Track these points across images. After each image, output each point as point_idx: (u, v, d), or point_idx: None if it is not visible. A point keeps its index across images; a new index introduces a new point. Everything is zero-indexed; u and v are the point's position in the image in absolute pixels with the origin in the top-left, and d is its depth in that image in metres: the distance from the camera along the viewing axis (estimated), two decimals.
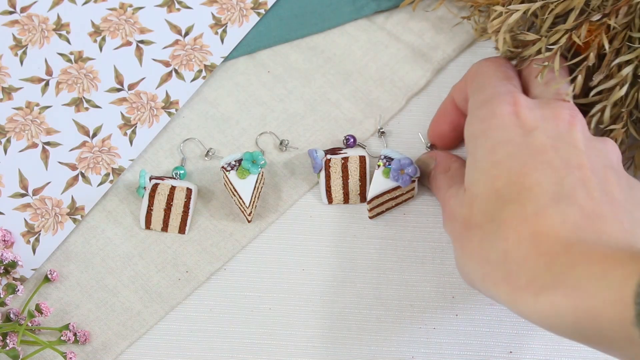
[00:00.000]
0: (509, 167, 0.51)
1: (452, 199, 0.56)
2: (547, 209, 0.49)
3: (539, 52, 0.58)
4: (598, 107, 0.58)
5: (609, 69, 0.58)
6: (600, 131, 0.60)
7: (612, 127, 0.59)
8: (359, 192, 0.64)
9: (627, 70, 0.56)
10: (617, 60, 0.57)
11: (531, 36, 0.59)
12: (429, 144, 0.65)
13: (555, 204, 0.49)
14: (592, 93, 0.58)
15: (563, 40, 0.57)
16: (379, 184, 0.61)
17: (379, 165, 0.62)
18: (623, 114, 0.59)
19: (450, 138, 0.64)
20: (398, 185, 0.61)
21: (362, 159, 0.63)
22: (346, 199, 0.64)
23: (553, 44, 0.57)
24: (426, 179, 0.63)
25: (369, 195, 0.61)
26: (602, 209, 0.49)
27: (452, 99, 0.62)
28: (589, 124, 0.58)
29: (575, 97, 0.59)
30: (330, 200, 0.64)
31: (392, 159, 0.62)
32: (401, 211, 0.64)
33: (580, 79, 0.57)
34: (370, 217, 0.63)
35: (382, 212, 0.63)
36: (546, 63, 0.57)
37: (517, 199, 0.49)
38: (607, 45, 0.56)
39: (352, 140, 0.64)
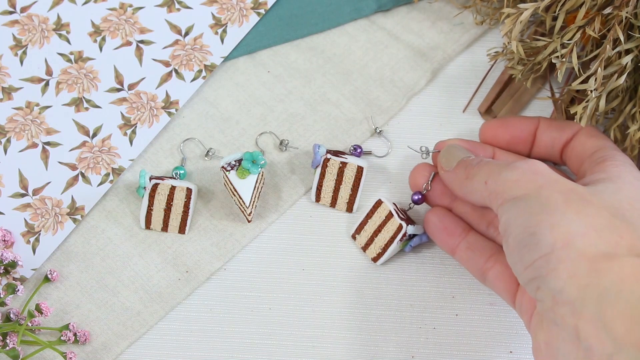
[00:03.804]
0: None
1: (542, 171, 0.54)
2: None
3: (552, 52, 0.58)
4: (594, 94, 0.57)
5: (608, 57, 0.57)
6: (602, 124, 0.60)
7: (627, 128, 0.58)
8: (347, 200, 0.63)
9: (627, 59, 0.56)
10: (618, 49, 0.57)
11: (542, 41, 0.59)
12: (423, 148, 0.64)
13: None
14: (580, 80, 0.58)
15: (577, 37, 0.57)
16: (393, 251, 0.62)
17: (401, 240, 0.61)
18: (636, 113, 0.59)
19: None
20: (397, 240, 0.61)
21: (359, 170, 0.63)
22: (333, 203, 0.64)
23: (567, 42, 0.57)
24: (450, 170, 0.59)
25: (381, 259, 0.62)
26: None
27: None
28: (584, 109, 0.57)
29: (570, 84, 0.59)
30: (318, 199, 0.64)
31: (413, 237, 0.61)
32: None
33: (600, 71, 0.56)
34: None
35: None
36: (564, 59, 0.57)
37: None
38: (622, 37, 0.56)
39: (359, 150, 0.64)
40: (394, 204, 0.62)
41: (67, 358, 0.59)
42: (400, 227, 0.60)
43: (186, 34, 0.69)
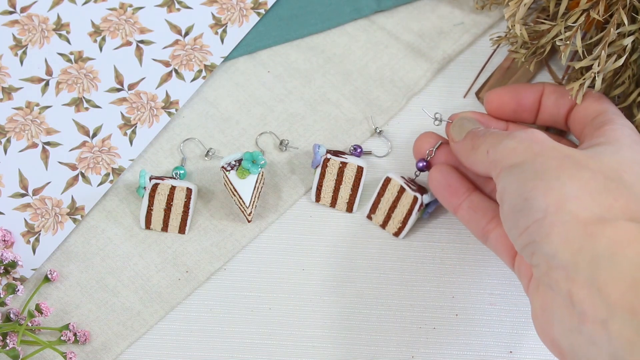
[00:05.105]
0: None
1: (547, 140, 0.54)
2: None
3: (556, 36, 0.58)
4: (592, 71, 0.56)
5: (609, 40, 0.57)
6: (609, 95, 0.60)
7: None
8: (347, 200, 0.64)
9: (628, 41, 0.56)
10: (620, 30, 0.56)
11: (546, 24, 0.59)
12: (437, 115, 0.63)
13: None
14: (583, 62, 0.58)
15: (582, 19, 0.57)
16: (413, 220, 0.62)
17: (418, 210, 0.61)
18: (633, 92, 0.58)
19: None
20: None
21: (359, 169, 0.63)
22: (333, 203, 0.64)
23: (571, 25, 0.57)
24: (461, 140, 0.59)
25: (403, 233, 0.62)
26: None
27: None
28: (580, 86, 0.57)
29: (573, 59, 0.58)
30: (318, 199, 0.64)
31: (429, 204, 0.62)
32: None
33: (604, 54, 0.56)
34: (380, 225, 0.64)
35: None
36: (568, 42, 0.57)
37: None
38: (626, 21, 0.56)
39: (359, 150, 0.64)
40: (402, 176, 0.62)
41: (67, 358, 0.59)
42: (415, 199, 0.61)
43: (186, 34, 0.69)
